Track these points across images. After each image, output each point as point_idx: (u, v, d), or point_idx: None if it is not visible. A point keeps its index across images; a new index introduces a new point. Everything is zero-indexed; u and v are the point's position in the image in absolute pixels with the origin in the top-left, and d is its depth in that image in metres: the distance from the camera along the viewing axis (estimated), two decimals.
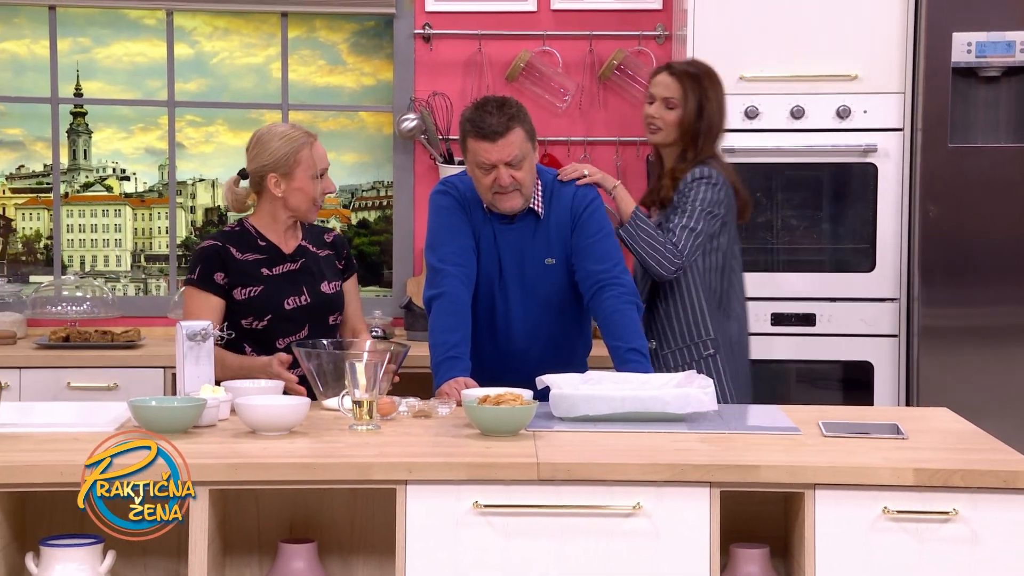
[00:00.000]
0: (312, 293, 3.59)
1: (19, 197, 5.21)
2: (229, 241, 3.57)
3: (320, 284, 3.60)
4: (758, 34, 4.49)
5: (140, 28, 5.15)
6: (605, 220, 3.65)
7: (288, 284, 3.57)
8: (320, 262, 3.64)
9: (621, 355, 3.48)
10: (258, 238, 3.59)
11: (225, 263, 3.53)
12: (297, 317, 3.56)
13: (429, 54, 5.06)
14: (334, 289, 3.63)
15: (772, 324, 4.55)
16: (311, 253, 3.63)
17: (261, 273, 3.55)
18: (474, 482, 2.70)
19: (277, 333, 3.54)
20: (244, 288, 3.53)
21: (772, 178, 4.60)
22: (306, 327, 3.56)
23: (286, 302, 3.54)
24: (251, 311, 3.53)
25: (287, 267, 3.59)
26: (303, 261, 3.61)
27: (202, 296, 3.52)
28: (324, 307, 3.60)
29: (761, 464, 2.71)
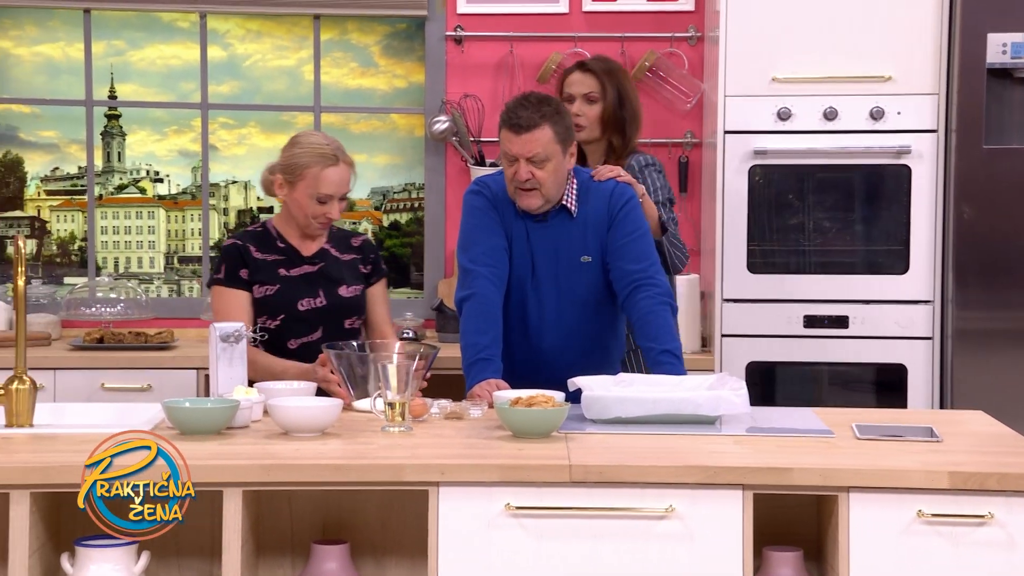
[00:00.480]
0: (328, 296, 3.59)
1: (54, 199, 5.24)
2: (249, 240, 3.60)
3: (338, 287, 3.60)
4: (791, 35, 4.47)
5: (174, 31, 5.18)
6: (642, 219, 3.64)
7: (304, 285, 3.58)
8: (341, 266, 3.64)
9: (654, 357, 3.47)
10: (278, 239, 3.61)
11: (246, 260, 3.56)
12: (311, 319, 3.56)
13: (461, 56, 5.06)
14: (353, 293, 3.62)
15: (805, 326, 4.53)
16: (332, 257, 3.64)
17: (278, 273, 3.57)
18: (506, 484, 2.70)
19: (289, 334, 3.55)
20: (261, 287, 3.55)
21: (804, 180, 4.59)
22: (320, 329, 3.57)
23: (300, 303, 3.55)
24: (265, 310, 3.55)
25: (305, 269, 3.60)
26: (322, 264, 3.62)
27: (230, 292, 3.55)
28: (340, 310, 3.60)
29: (794, 467, 2.70)
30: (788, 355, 4.54)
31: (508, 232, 3.60)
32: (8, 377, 3.02)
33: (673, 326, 3.54)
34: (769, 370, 4.56)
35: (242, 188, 5.29)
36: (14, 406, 3.01)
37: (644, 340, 3.52)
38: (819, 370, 4.58)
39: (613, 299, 3.64)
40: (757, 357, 4.54)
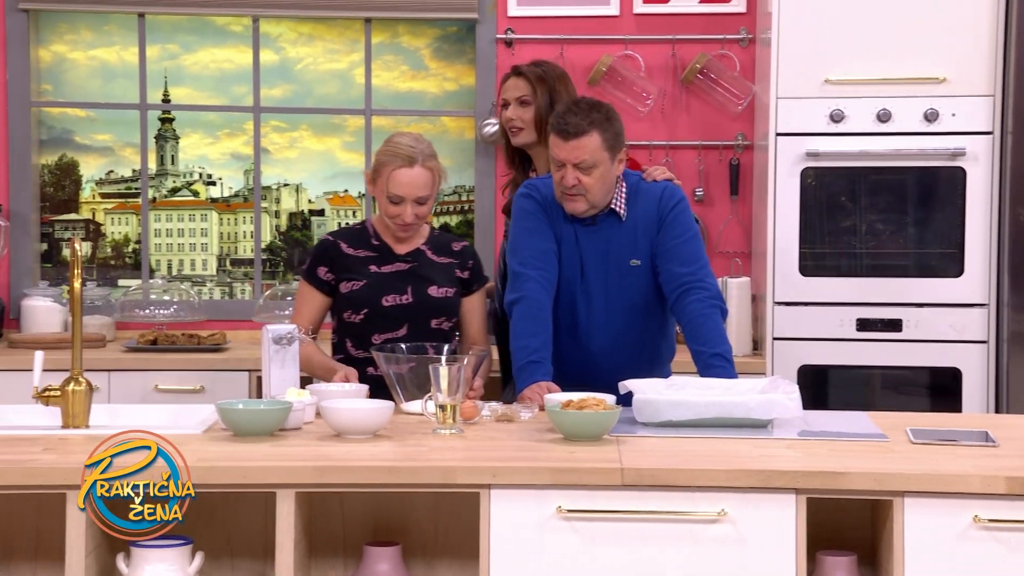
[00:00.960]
0: (416, 293, 3.59)
1: (108, 202, 5.29)
2: (342, 237, 3.63)
3: (428, 287, 3.61)
4: (844, 36, 4.45)
5: (227, 35, 5.22)
6: (692, 222, 3.63)
7: (393, 282, 3.59)
8: (435, 267, 3.64)
9: (705, 360, 3.46)
10: (373, 237, 3.63)
11: (332, 258, 3.59)
12: (395, 315, 3.57)
13: (511, 59, 5.07)
14: (444, 294, 3.62)
15: (857, 330, 4.50)
16: (426, 258, 3.64)
17: (368, 269, 3.59)
18: (558, 487, 2.70)
19: (374, 328, 3.57)
20: (349, 282, 3.57)
21: (857, 182, 4.56)
22: (405, 326, 3.58)
23: (384, 299, 3.57)
24: (350, 305, 3.57)
25: (396, 266, 3.61)
26: (414, 264, 3.63)
27: (306, 288, 3.62)
28: (427, 309, 3.60)
29: (848, 471, 2.68)
30: (840, 358, 4.51)
31: (557, 235, 3.60)
32: (64, 378, 3.06)
33: (723, 329, 3.53)
34: (821, 373, 4.54)
35: (293, 191, 5.32)
36: (70, 407, 3.04)
37: (694, 343, 3.51)
38: (872, 374, 4.55)
39: (662, 302, 3.64)
40: (809, 360, 4.52)
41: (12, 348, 4.69)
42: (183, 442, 2.89)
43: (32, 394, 3.06)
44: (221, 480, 2.70)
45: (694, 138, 5.05)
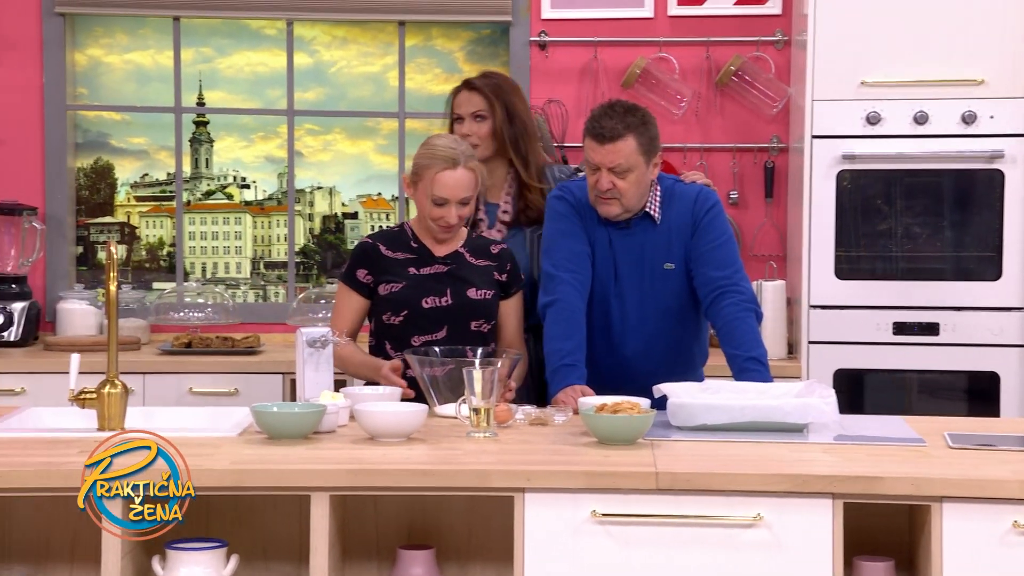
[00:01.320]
0: (455, 295, 3.59)
1: (143, 205, 5.33)
2: (381, 240, 3.64)
3: (467, 289, 3.61)
4: (880, 38, 4.43)
5: (261, 38, 5.24)
6: (726, 225, 3.62)
7: (431, 284, 3.59)
8: (473, 269, 3.65)
9: (740, 364, 3.45)
10: (412, 239, 3.64)
11: (372, 260, 3.59)
12: (435, 317, 3.57)
13: (545, 61, 5.07)
14: (483, 297, 3.62)
15: (894, 333, 4.48)
16: (465, 260, 3.65)
17: (407, 271, 3.59)
18: (592, 491, 2.70)
19: (413, 330, 3.57)
20: (387, 284, 3.58)
21: (893, 185, 4.54)
22: (444, 328, 3.58)
23: (424, 300, 3.57)
24: (389, 306, 3.58)
25: (435, 268, 3.62)
26: (453, 266, 3.63)
27: (345, 291, 3.62)
28: (467, 311, 3.60)
29: (886, 476, 2.67)
30: (877, 362, 4.49)
31: (591, 238, 3.59)
32: (100, 381, 3.08)
33: (758, 333, 3.52)
34: (857, 377, 4.52)
35: (327, 194, 5.34)
36: (106, 410, 3.06)
37: (729, 347, 3.50)
38: (909, 378, 4.52)
39: (697, 306, 3.63)
40: (845, 364, 4.50)
41: (48, 351, 4.73)
42: (218, 445, 2.92)
43: (68, 396, 3.08)
44: (256, 483, 2.71)
45: (728, 141, 5.04)
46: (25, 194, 5.05)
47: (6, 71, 5.06)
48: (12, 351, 4.74)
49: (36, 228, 4.97)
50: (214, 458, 2.78)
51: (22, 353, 4.71)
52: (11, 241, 4.96)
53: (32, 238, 4.98)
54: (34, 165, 5.09)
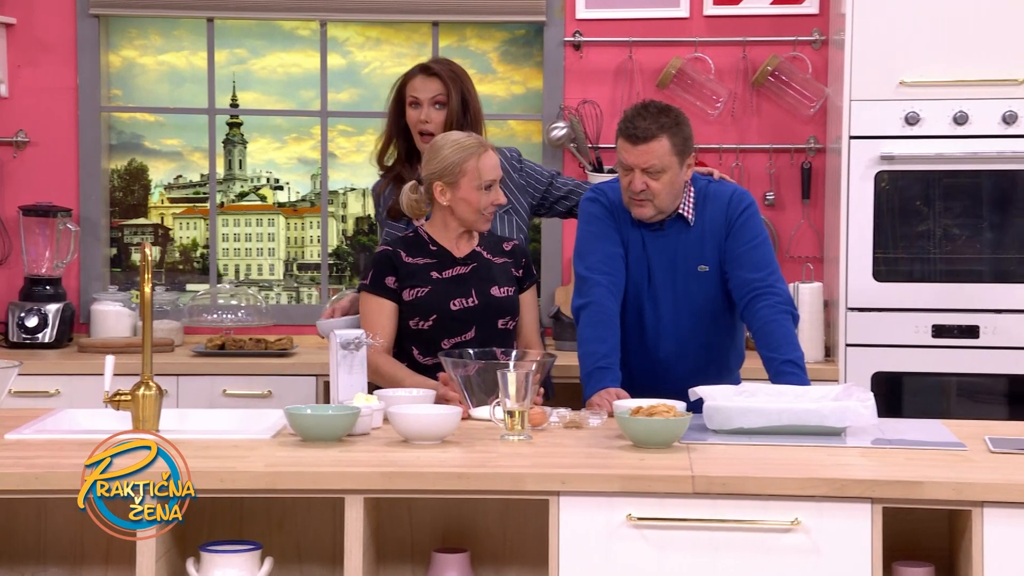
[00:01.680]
0: (480, 295, 3.61)
1: (176, 207, 5.35)
2: (400, 246, 3.64)
3: (491, 288, 3.62)
4: (919, 38, 4.40)
5: (294, 39, 5.26)
6: (761, 227, 3.61)
7: (456, 286, 3.60)
8: (493, 268, 3.66)
9: (776, 367, 3.43)
10: (430, 243, 3.64)
11: (396, 267, 3.60)
12: (464, 318, 3.58)
13: (579, 62, 5.07)
14: (506, 294, 3.64)
15: (933, 336, 4.45)
16: (484, 259, 3.66)
17: (430, 276, 3.60)
18: (628, 494, 2.69)
19: (443, 333, 3.57)
20: (412, 289, 3.58)
21: (932, 186, 4.51)
22: (473, 329, 3.59)
23: (452, 303, 3.58)
24: (417, 311, 3.58)
25: (457, 270, 3.62)
26: (474, 266, 3.64)
27: (375, 300, 3.60)
28: (493, 310, 3.61)
29: (925, 480, 2.65)
30: (915, 366, 4.47)
31: (624, 240, 3.59)
32: (135, 383, 3.09)
33: (795, 335, 3.50)
34: (896, 381, 4.49)
35: (360, 195, 5.35)
36: (141, 411, 3.07)
37: (765, 350, 3.48)
38: (948, 381, 4.49)
39: (731, 308, 3.61)
40: (883, 367, 4.48)
41: (82, 352, 4.75)
42: (252, 447, 2.93)
43: (103, 398, 3.09)
44: (290, 485, 2.71)
45: (765, 141, 5.02)
46: (59, 196, 5.08)
47: (41, 73, 5.09)
48: (46, 353, 4.77)
49: (70, 230, 5.01)
50: (248, 460, 2.79)
51: (56, 355, 4.74)
52: (45, 243, 5.00)
53: (66, 240, 5.01)
54: (68, 167, 5.12)
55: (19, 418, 3.20)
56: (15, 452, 2.85)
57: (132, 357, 4.00)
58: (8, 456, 2.81)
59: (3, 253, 5.07)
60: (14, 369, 3.07)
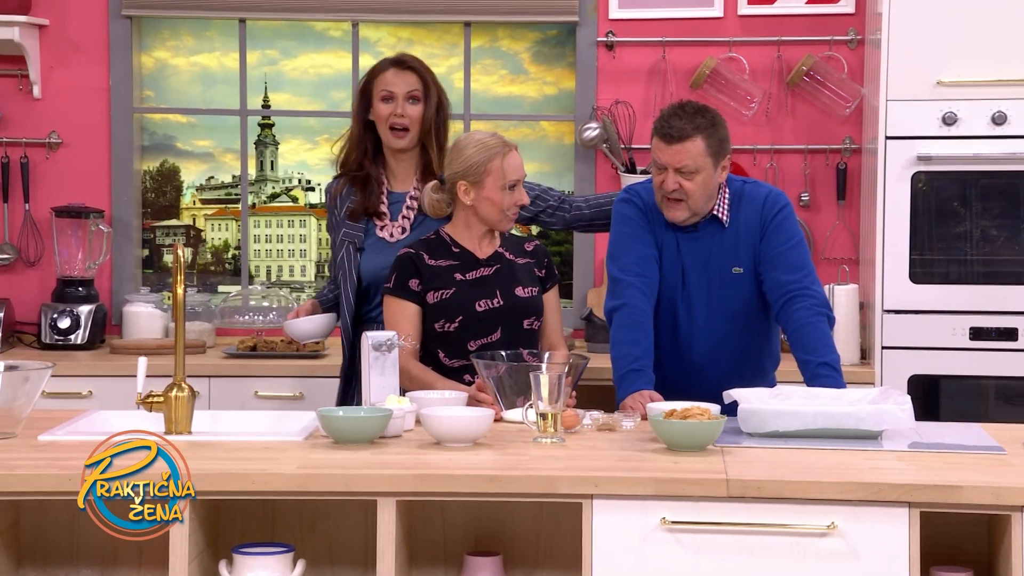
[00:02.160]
0: (505, 296, 3.61)
1: (208, 208, 5.38)
2: (423, 248, 3.64)
3: (515, 288, 3.63)
4: (957, 37, 4.38)
5: (326, 40, 5.27)
6: (796, 228, 3.59)
7: (481, 287, 3.61)
8: (516, 268, 3.67)
9: (812, 369, 3.42)
10: (452, 245, 3.65)
11: (419, 269, 3.60)
12: (489, 319, 3.59)
13: (612, 62, 5.06)
14: (530, 294, 3.65)
15: (971, 338, 4.42)
16: (507, 260, 3.67)
17: (454, 277, 3.60)
18: (661, 498, 2.69)
19: (468, 335, 3.58)
20: (436, 292, 3.59)
21: (969, 187, 4.48)
22: (499, 330, 3.60)
23: (477, 304, 3.59)
24: (442, 314, 3.58)
25: (481, 272, 3.63)
26: (498, 267, 3.65)
27: (399, 303, 3.60)
28: (518, 311, 3.62)
29: (964, 484, 2.64)
30: (953, 368, 4.44)
31: (658, 242, 3.58)
32: (167, 385, 3.11)
33: (830, 337, 3.49)
34: (933, 383, 4.47)
35: None
36: (173, 413, 3.09)
37: (801, 352, 3.47)
38: (986, 384, 4.47)
39: (766, 310, 3.60)
40: (920, 370, 4.45)
41: (114, 354, 4.78)
42: (284, 449, 2.94)
43: (135, 400, 3.11)
44: (322, 488, 2.72)
45: (800, 142, 5.00)
46: (92, 197, 5.11)
47: (73, 74, 5.12)
48: (79, 354, 4.80)
49: (103, 231, 5.04)
50: (280, 462, 2.80)
51: (88, 356, 4.77)
52: (78, 244, 5.03)
53: (98, 241, 5.04)
54: (101, 168, 5.15)
55: (52, 419, 3.22)
56: (48, 453, 2.87)
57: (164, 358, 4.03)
58: (41, 457, 2.83)
59: (35, 254, 5.11)
60: (47, 371, 3.09)
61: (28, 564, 2.97)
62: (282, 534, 2.96)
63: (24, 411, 3.06)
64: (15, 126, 5.11)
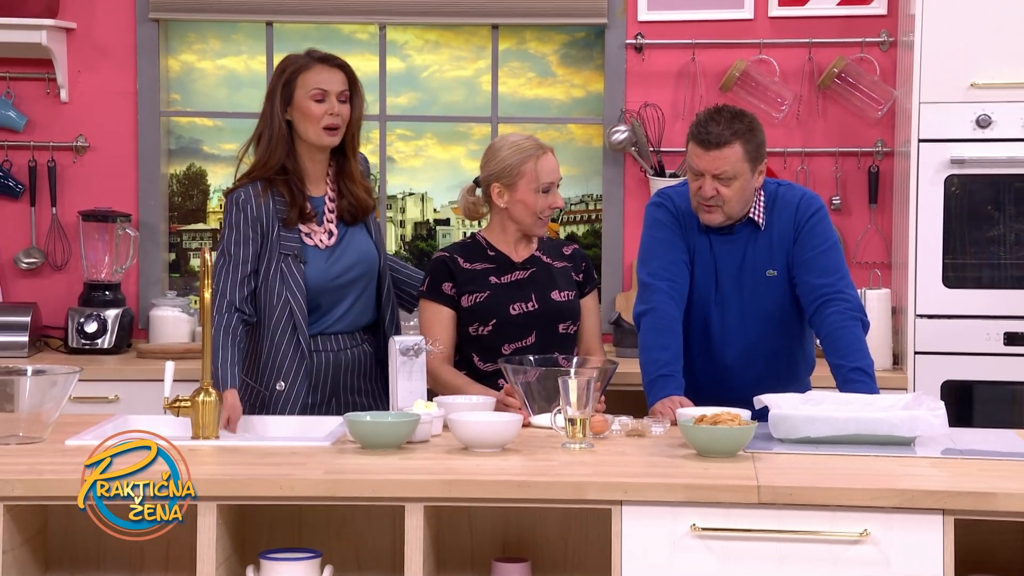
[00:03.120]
0: (540, 300, 3.62)
1: None
2: (458, 252, 3.66)
3: (550, 292, 3.63)
4: (991, 38, 4.36)
5: (353, 42, 5.29)
6: (830, 231, 3.58)
7: (515, 291, 3.61)
8: (553, 272, 3.67)
9: (844, 374, 3.41)
10: (488, 248, 3.66)
11: (453, 273, 3.61)
12: (523, 323, 3.60)
13: (641, 64, 5.06)
14: (566, 298, 3.65)
15: (1005, 344, 4.40)
16: (543, 263, 3.67)
17: (489, 281, 3.61)
18: (692, 504, 2.69)
19: (503, 339, 3.59)
20: (471, 295, 3.59)
21: (1004, 190, 4.46)
22: (533, 334, 3.60)
23: (511, 307, 3.59)
24: (476, 317, 3.59)
25: (516, 275, 3.64)
26: (533, 270, 3.65)
27: (433, 307, 3.62)
28: (553, 315, 3.62)
29: (999, 492, 2.63)
30: (987, 374, 4.42)
31: (691, 246, 3.57)
32: (194, 389, 3.12)
33: (864, 342, 3.47)
34: (966, 389, 4.45)
35: (419, 200, 5.37)
36: (200, 418, 3.10)
37: (834, 357, 3.46)
38: (1021, 390, 4.45)
39: (800, 314, 3.59)
40: (953, 376, 4.43)
41: (141, 358, 4.80)
42: (311, 454, 2.95)
43: (162, 404, 3.13)
44: (350, 493, 2.73)
45: (831, 145, 4.99)
46: (119, 201, 5.14)
47: (101, 78, 5.15)
48: (106, 358, 4.83)
49: (130, 235, 5.06)
50: (307, 467, 2.81)
51: (115, 360, 4.80)
52: (105, 248, 5.06)
53: (125, 245, 5.07)
54: (127, 172, 5.18)
55: (79, 424, 3.24)
56: (76, 458, 2.88)
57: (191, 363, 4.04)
58: (69, 462, 2.85)
59: (63, 258, 5.14)
60: (74, 375, 3.11)
61: (55, 569, 2.99)
62: (309, 540, 2.97)
63: (52, 416, 3.08)
64: (42, 130, 5.15)
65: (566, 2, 5.06)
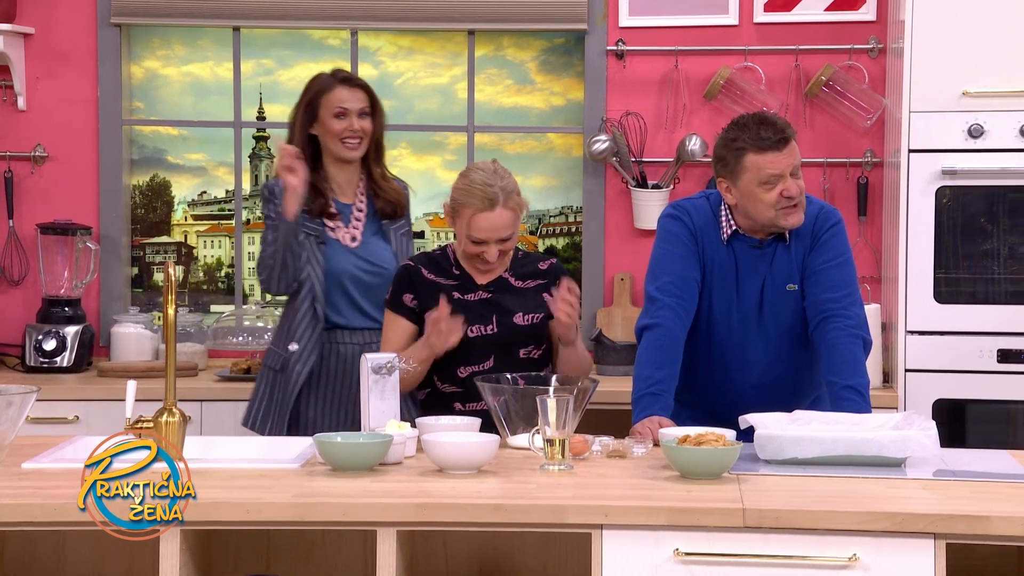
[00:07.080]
0: (500, 324, 3.61)
1: (201, 224, 5.39)
2: (423, 263, 3.66)
3: (513, 316, 3.63)
4: (983, 46, 4.39)
5: (323, 49, 5.29)
6: (845, 246, 3.59)
7: (477, 311, 3.61)
8: (518, 294, 3.65)
9: (836, 392, 3.42)
10: (454, 265, 3.66)
11: (415, 284, 3.62)
12: (481, 346, 3.59)
13: (622, 71, 5.08)
14: (530, 321, 3.64)
15: (999, 361, 4.42)
16: (510, 285, 3.66)
17: (451, 297, 3.60)
18: (675, 528, 2.69)
19: (459, 360, 3.58)
20: (430, 310, 3.59)
21: (997, 202, 4.49)
22: (491, 357, 3.60)
23: (470, 329, 3.59)
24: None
25: (479, 295, 3.63)
26: (496, 293, 3.64)
27: (392, 318, 3.64)
28: (513, 339, 3.62)
29: (992, 515, 2.64)
30: (980, 392, 4.44)
31: (710, 260, 3.56)
32: (157, 409, 3.11)
33: (861, 361, 3.47)
34: (958, 408, 4.47)
35: None
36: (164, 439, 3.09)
37: (828, 374, 3.48)
38: (1015, 409, 4.46)
39: None
40: (945, 394, 4.45)
41: (102, 376, 4.79)
42: (279, 476, 2.94)
43: (124, 425, 3.12)
44: (319, 517, 2.72)
45: (819, 155, 5.01)
46: (79, 213, 5.13)
47: (60, 84, 5.14)
48: (65, 377, 4.81)
49: (90, 248, 5.05)
50: (275, 490, 2.80)
51: (75, 379, 4.78)
52: (64, 262, 5.04)
53: (86, 259, 5.05)
54: (88, 182, 5.17)
55: (37, 446, 3.23)
56: (33, 482, 2.87)
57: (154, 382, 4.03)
58: (26, 486, 2.84)
59: (20, 273, 5.12)
60: (32, 395, 3.09)
61: None
62: (277, 565, 2.96)
63: (7, 438, 3.07)
64: None
65: (545, 7, 5.07)
